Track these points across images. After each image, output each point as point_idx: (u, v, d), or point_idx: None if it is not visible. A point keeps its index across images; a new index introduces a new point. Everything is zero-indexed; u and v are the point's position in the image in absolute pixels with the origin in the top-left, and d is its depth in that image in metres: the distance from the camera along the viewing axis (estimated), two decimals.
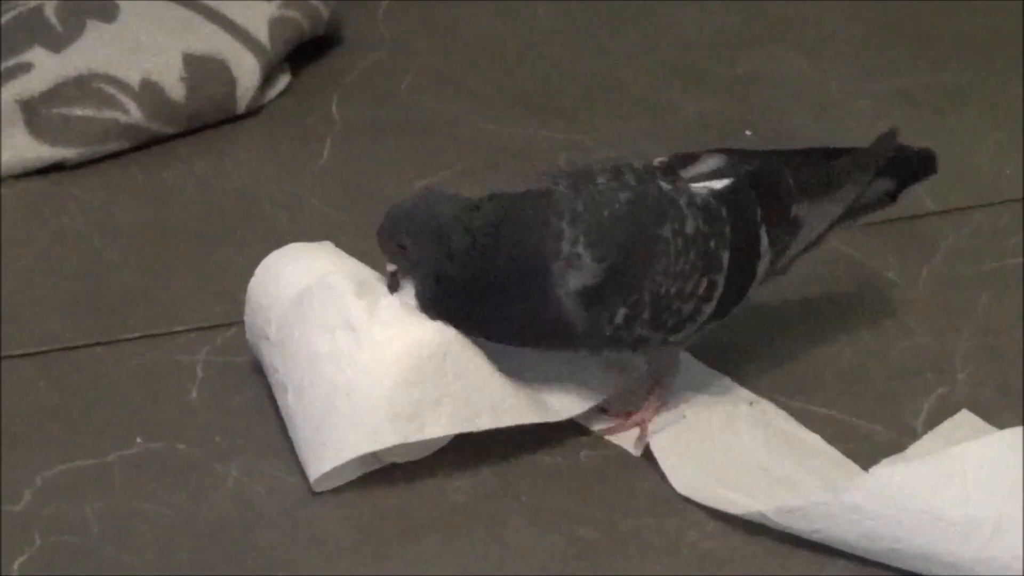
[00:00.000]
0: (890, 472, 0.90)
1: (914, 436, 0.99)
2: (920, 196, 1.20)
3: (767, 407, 1.00)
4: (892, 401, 1.02)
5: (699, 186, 0.96)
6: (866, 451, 0.98)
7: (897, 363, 1.06)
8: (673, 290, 0.93)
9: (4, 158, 1.15)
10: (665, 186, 0.95)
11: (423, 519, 0.92)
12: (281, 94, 1.25)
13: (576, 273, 0.91)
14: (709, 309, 0.95)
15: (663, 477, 0.95)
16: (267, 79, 1.23)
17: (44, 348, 1.02)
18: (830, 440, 0.98)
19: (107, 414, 0.98)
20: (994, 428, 0.99)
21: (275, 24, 1.24)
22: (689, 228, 0.94)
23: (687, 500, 0.94)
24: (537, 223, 0.92)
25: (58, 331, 1.04)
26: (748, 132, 1.25)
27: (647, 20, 1.37)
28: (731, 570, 0.91)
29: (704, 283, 0.94)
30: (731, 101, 1.28)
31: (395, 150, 1.21)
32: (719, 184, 0.96)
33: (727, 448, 0.96)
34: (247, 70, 1.21)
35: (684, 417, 0.97)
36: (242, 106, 1.21)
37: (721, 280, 0.95)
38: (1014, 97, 1.30)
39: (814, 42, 1.36)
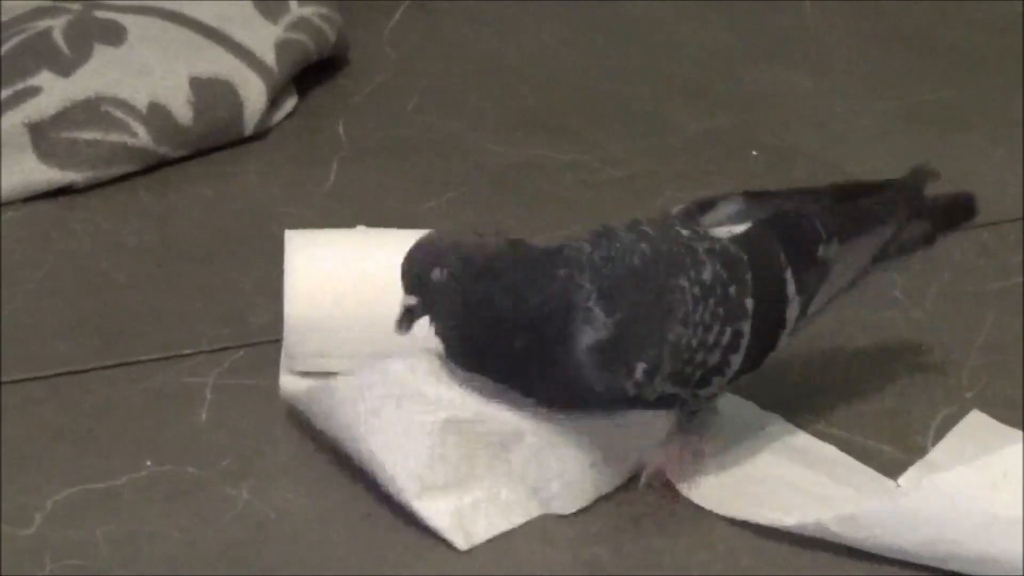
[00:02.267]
0: (946, 476, 0.90)
1: (923, 454, 0.99)
2: None
3: (778, 424, 1.00)
4: (900, 419, 1.02)
5: (721, 230, 0.94)
6: (875, 469, 0.98)
7: (904, 381, 1.06)
8: (694, 341, 0.90)
9: (13, 181, 1.15)
10: (684, 233, 0.93)
11: (431, 540, 0.92)
12: (288, 116, 1.25)
13: (588, 329, 0.89)
14: (737, 360, 0.92)
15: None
16: (274, 101, 1.23)
17: (53, 371, 1.03)
18: None
19: (116, 437, 0.98)
20: (1007, 426, 0.99)
21: (282, 46, 1.24)
22: (707, 276, 0.91)
23: (696, 521, 0.94)
24: (560, 277, 0.90)
25: (66, 354, 1.04)
26: (754, 152, 1.26)
27: (651, 39, 1.38)
28: None
29: (728, 332, 0.91)
30: (735, 118, 1.29)
31: (401, 171, 1.21)
32: (740, 228, 0.94)
33: (751, 466, 0.96)
34: (254, 92, 1.21)
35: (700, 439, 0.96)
36: (249, 128, 1.22)
37: (747, 328, 0.91)
38: (1018, 115, 1.30)
39: (817, 60, 1.36)
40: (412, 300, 0.92)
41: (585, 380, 0.90)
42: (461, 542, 0.91)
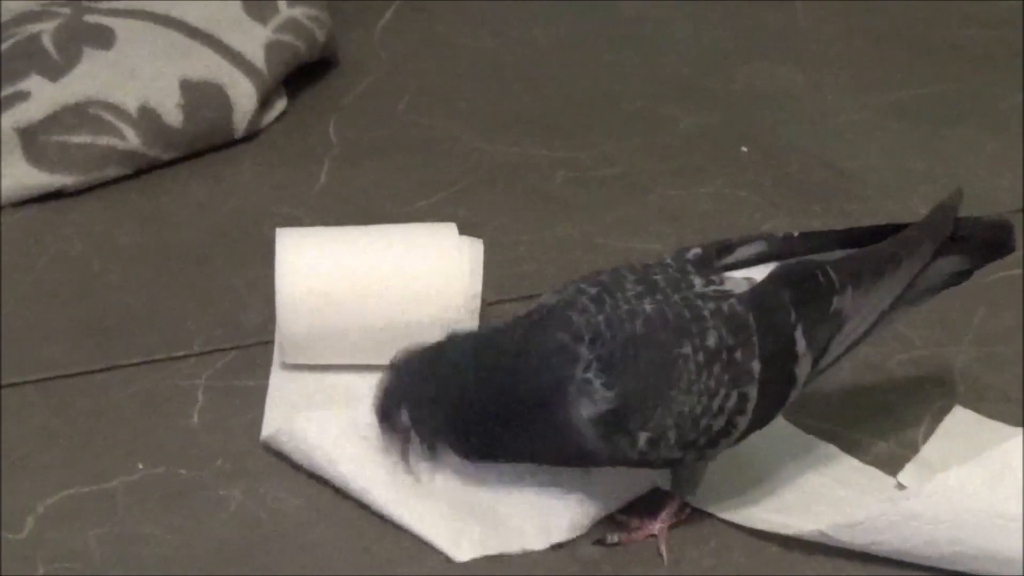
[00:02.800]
0: (945, 476, 0.90)
1: (916, 448, 0.99)
2: (917, 206, 1.20)
3: (776, 421, 0.99)
4: (893, 414, 1.02)
5: (738, 277, 0.91)
6: (867, 464, 0.98)
7: (897, 376, 1.06)
8: (699, 408, 0.88)
9: (4, 186, 1.15)
10: (699, 285, 0.90)
11: (425, 541, 0.92)
12: (278, 118, 1.25)
13: (587, 401, 0.87)
14: (744, 421, 0.90)
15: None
16: (264, 103, 1.23)
17: (45, 375, 1.03)
18: None
19: (109, 440, 0.98)
20: (990, 420, 0.99)
21: (271, 48, 1.24)
22: (711, 341, 0.88)
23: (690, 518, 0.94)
24: (552, 349, 0.87)
25: (58, 357, 1.04)
26: (744, 149, 1.26)
27: (642, 37, 1.38)
28: None
29: (734, 396, 0.89)
30: (727, 116, 1.29)
31: (393, 171, 1.21)
32: (758, 272, 0.90)
33: (753, 468, 0.96)
34: (244, 94, 1.21)
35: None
36: (239, 130, 1.22)
37: (754, 391, 0.89)
38: (1011, 108, 1.30)
39: (809, 56, 1.36)
40: (401, 440, 0.92)
41: (588, 448, 0.88)
42: (456, 554, 0.91)
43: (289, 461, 0.96)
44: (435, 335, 0.96)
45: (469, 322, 1.00)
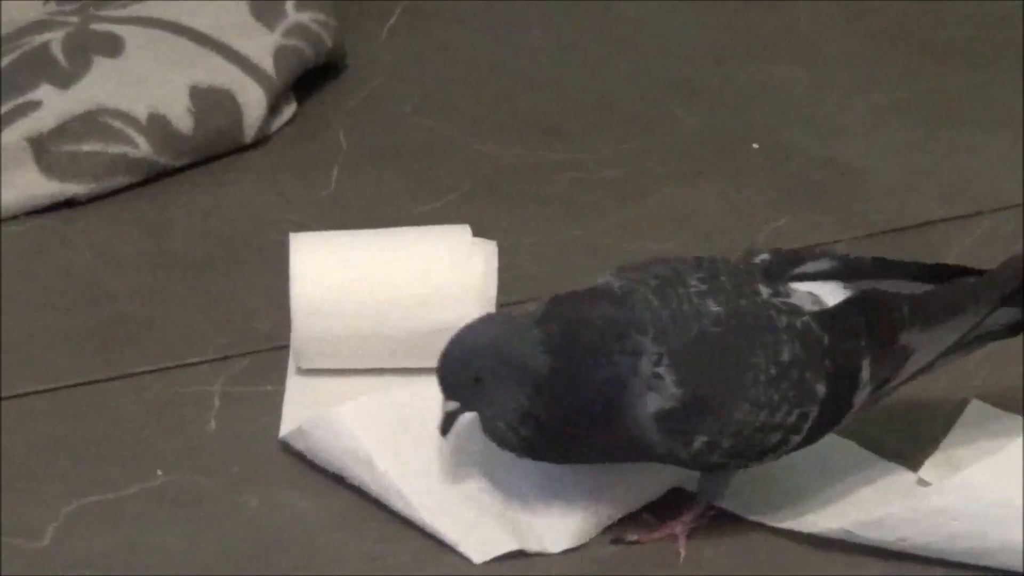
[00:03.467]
0: (968, 472, 0.90)
1: (934, 444, 0.99)
2: (923, 203, 1.21)
3: None
4: (907, 410, 1.02)
5: (803, 291, 0.89)
6: (889, 461, 0.98)
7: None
8: (759, 422, 0.87)
9: (15, 196, 1.16)
10: (765, 294, 0.88)
11: (441, 545, 0.92)
12: (287, 123, 1.25)
13: (654, 396, 0.86)
14: (797, 439, 0.89)
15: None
16: (273, 108, 1.24)
17: (60, 384, 1.03)
18: None
19: (125, 448, 0.99)
20: (1008, 413, 1.00)
21: (279, 53, 1.24)
22: (785, 356, 0.87)
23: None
24: (613, 337, 0.86)
25: (72, 367, 1.04)
26: (755, 145, 1.26)
27: (643, 37, 1.38)
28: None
29: (794, 415, 0.88)
30: (729, 115, 1.29)
31: (401, 175, 1.22)
32: (823, 289, 0.89)
33: (774, 468, 0.95)
34: (253, 100, 1.22)
35: None
36: (249, 136, 1.22)
37: (814, 412, 0.88)
38: (1012, 106, 1.30)
39: (810, 54, 1.37)
40: (453, 405, 0.90)
41: (644, 441, 0.87)
42: (474, 555, 0.92)
43: (307, 463, 0.97)
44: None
45: None
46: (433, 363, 0.97)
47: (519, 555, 0.92)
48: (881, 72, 1.34)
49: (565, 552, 0.92)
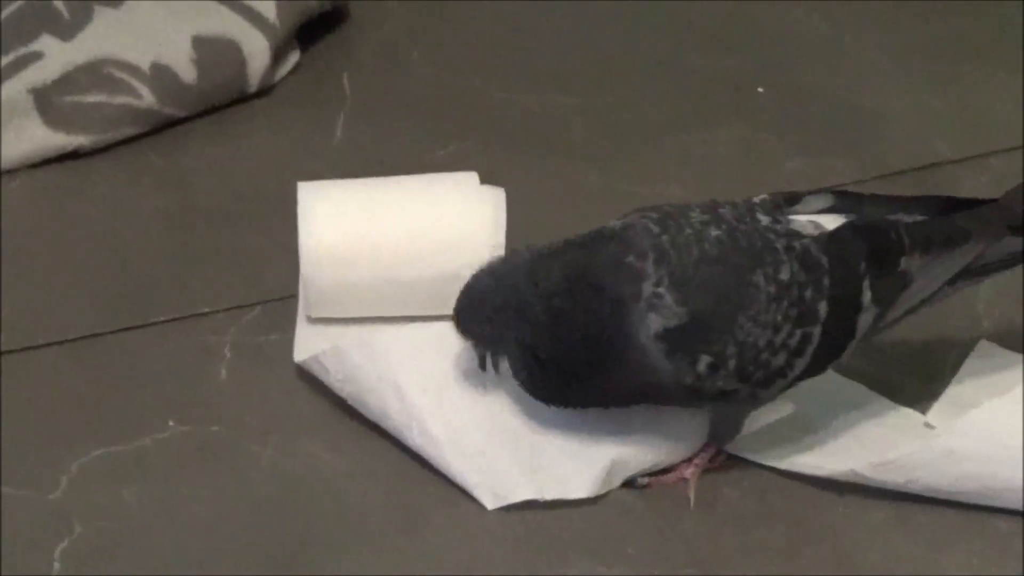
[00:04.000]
0: (979, 411, 0.90)
1: (943, 384, 0.99)
2: (936, 145, 1.20)
3: None
4: (920, 351, 1.02)
5: (803, 219, 0.90)
6: (899, 402, 0.98)
7: (922, 313, 1.05)
8: (762, 341, 0.87)
9: (20, 148, 1.15)
10: (763, 221, 0.90)
11: (459, 493, 0.92)
12: (291, 72, 1.24)
13: (655, 316, 0.86)
14: (802, 364, 0.89)
15: None
16: (277, 57, 1.22)
17: (71, 336, 1.02)
18: None
19: (138, 399, 0.98)
20: (1016, 353, 0.99)
21: (283, 1, 1.23)
22: (784, 275, 0.88)
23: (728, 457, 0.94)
24: (612, 267, 0.87)
25: (84, 318, 1.03)
26: (760, 89, 1.25)
27: None
28: (767, 526, 0.91)
29: (797, 335, 0.88)
30: (746, 59, 1.28)
31: (409, 122, 1.21)
32: (824, 219, 0.90)
33: (782, 410, 0.95)
34: (257, 49, 1.21)
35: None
36: (253, 85, 1.21)
37: (816, 333, 0.88)
38: None
39: None
40: (480, 350, 0.91)
41: (650, 367, 0.87)
42: (488, 502, 0.91)
43: (321, 411, 0.96)
44: (460, 286, 0.96)
45: None
46: (441, 310, 0.97)
47: (533, 503, 0.91)
48: (898, 12, 1.33)
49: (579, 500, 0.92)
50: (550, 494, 0.91)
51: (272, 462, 0.94)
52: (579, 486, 0.91)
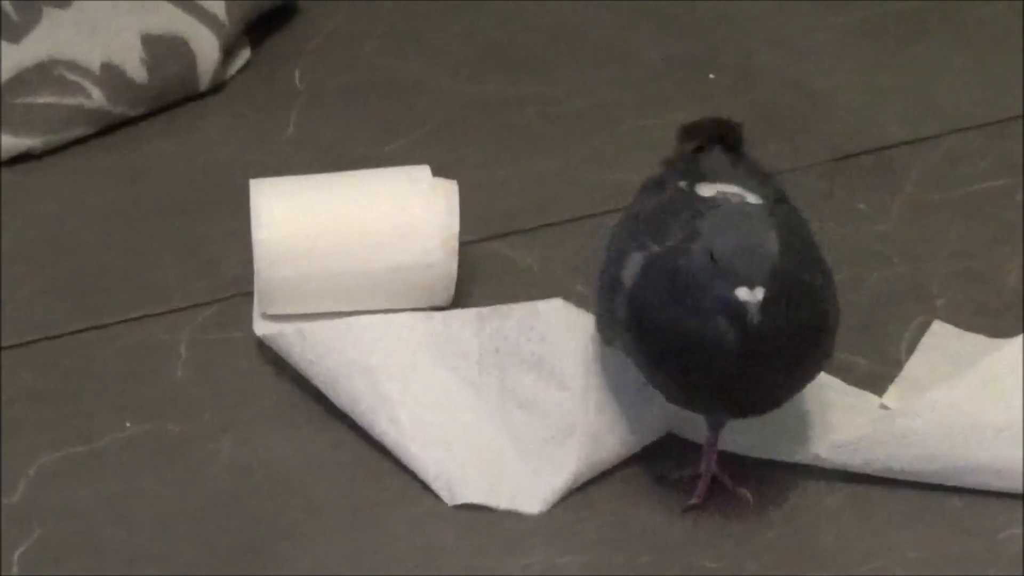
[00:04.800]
0: (937, 392, 0.91)
1: (897, 364, 1.00)
2: (888, 126, 1.20)
3: None
4: (873, 331, 1.03)
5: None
6: (851, 382, 0.99)
7: (875, 293, 1.06)
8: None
9: None
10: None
11: (418, 485, 0.92)
12: (243, 68, 1.24)
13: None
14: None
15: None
16: (228, 54, 1.22)
17: (27, 338, 1.02)
18: None
19: (95, 399, 0.98)
20: (970, 333, 1.00)
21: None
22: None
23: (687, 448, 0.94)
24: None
25: (37, 319, 1.03)
26: (711, 76, 1.25)
27: None
28: (724, 511, 0.92)
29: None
30: (696, 43, 1.28)
31: (362, 114, 1.21)
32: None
33: None
34: (207, 47, 1.20)
35: None
36: (204, 83, 1.21)
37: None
38: (978, 20, 1.30)
39: None
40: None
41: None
42: (446, 496, 0.91)
43: (280, 405, 0.96)
44: (414, 278, 0.96)
45: (448, 262, 1.00)
46: (396, 303, 0.98)
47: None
48: None
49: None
50: (504, 504, 0.91)
51: (230, 458, 0.94)
52: (533, 502, 0.91)
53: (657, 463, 0.93)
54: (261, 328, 0.99)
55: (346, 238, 1.00)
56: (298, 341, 0.96)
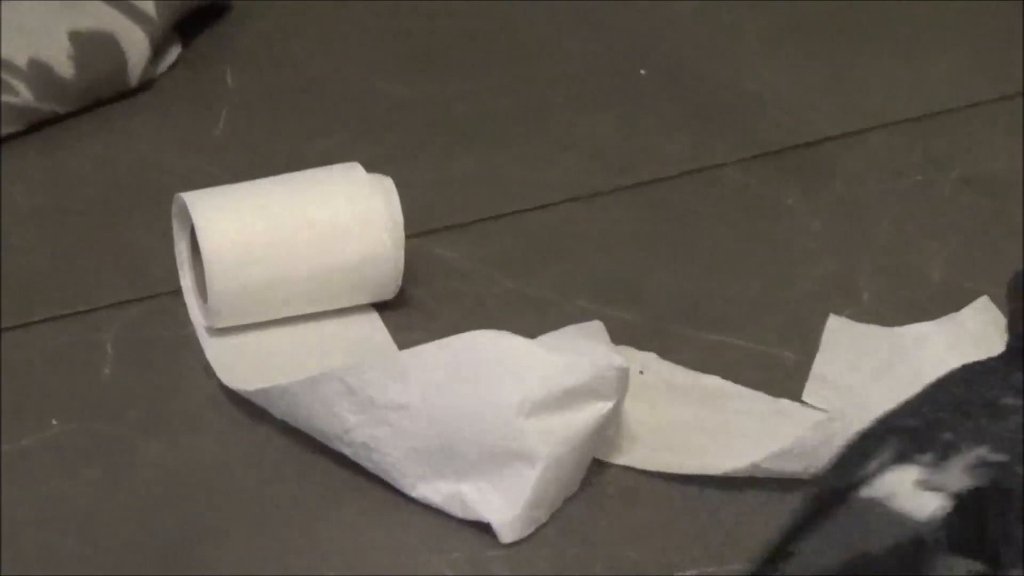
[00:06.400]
0: (861, 391, 0.91)
1: (805, 366, 1.00)
2: (815, 122, 1.21)
3: (658, 366, 0.99)
4: (800, 326, 1.04)
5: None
6: (778, 377, 1.00)
7: (803, 288, 1.07)
8: None
9: None
10: None
11: (346, 479, 0.92)
12: (173, 66, 1.23)
13: None
14: None
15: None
16: (157, 51, 1.22)
17: None
18: (740, 370, 1.00)
19: (20, 399, 0.97)
20: (865, 324, 1.01)
21: None
22: None
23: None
24: None
25: None
26: (642, 71, 1.26)
27: None
28: (650, 504, 0.92)
29: None
30: (624, 40, 1.29)
31: (292, 114, 1.20)
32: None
33: (670, 419, 0.96)
34: (136, 44, 1.20)
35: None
36: (134, 80, 1.20)
37: None
38: (906, 16, 1.31)
39: None
40: None
41: None
42: (412, 492, 0.91)
43: (207, 406, 0.96)
44: (364, 273, 0.97)
45: (396, 254, 1.00)
46: (344, 302, 0.98)
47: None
48: None
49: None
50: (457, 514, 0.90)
51: (158, 457, 0.94)
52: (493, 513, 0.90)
53: None
54: (225, 377, 0.97)
55: (296, 241, 0.99)
56: (272, 400, 0.94)
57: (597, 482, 0.93)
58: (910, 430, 0.70)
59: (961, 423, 0.70)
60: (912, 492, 0.68)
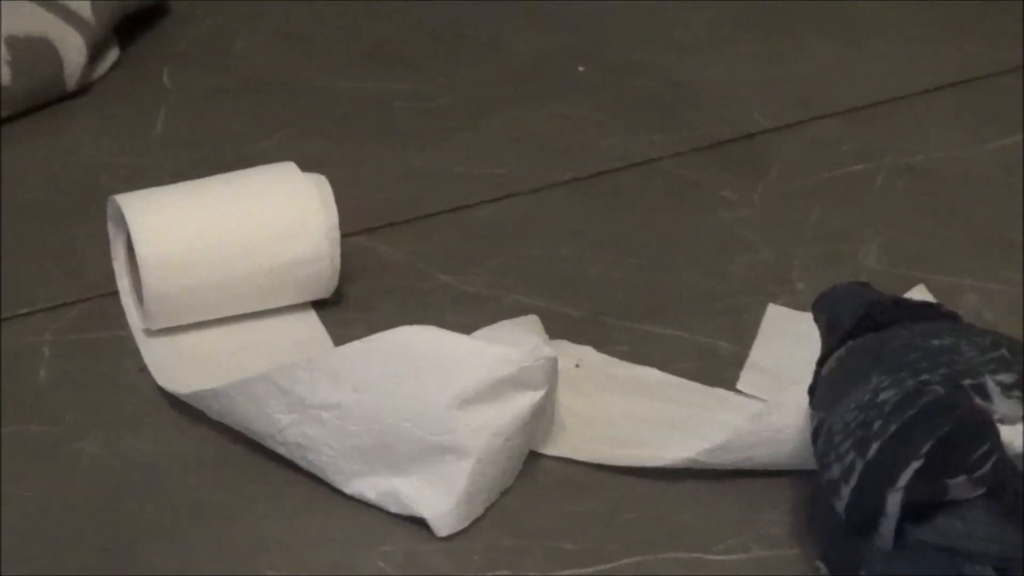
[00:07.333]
0: (799, 389, 0.90)
1: (740, 356, 1.00)
2: (753, 114, 1.22)
3: (594, 358, 1.00)
4: (735, 315, 1.04)
5: None
6: (714, 366, 1.00)
7: (738, 278, 1.08)
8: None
9: None
10: None
11: (285, 478, 0.93)
12: (111, 69, 1.24)
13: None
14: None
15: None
16: (95, 55, 1.22)
17: None
18: (677, 360, 1.00)
19: None
20: (803, 312, 1.00)
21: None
22: None
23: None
24: None
25: None
26: (581, 68, 1.27)
27: None
28: (589, 495, 0.93)
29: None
30: (569, 37, 1.30)
31: (231, 114, 1.21)
32: None
33: (589, 410, 0.96)
34: (73, 47, 1.20)
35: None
36: (71, 84, 1.20)
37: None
38: (847, 12, 1.32)
39: None
40: None
41: None
42: (346, 488, 0.91)
43: (146, 407, 0.96)
44: (301, 273, 0.97)
45: (333, 254, 1.01)
46: (284, 301, 0.97)
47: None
48: None
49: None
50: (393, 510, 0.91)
51: (95, 458, 0.94)
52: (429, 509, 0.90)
53: None
54: (161, 379, 0.97)
55: (231, 243, 0.99)
56: (207, 402, 0.94)
57: (533, 474, 0.93)
58: None
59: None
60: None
